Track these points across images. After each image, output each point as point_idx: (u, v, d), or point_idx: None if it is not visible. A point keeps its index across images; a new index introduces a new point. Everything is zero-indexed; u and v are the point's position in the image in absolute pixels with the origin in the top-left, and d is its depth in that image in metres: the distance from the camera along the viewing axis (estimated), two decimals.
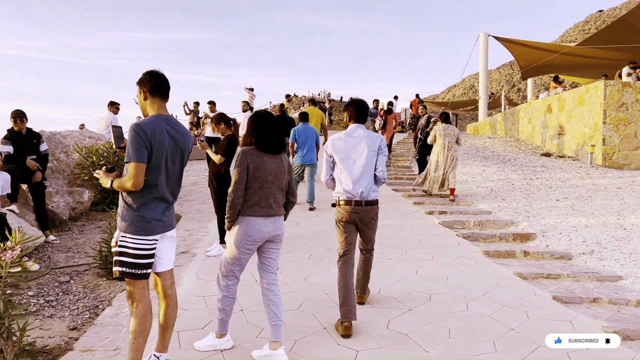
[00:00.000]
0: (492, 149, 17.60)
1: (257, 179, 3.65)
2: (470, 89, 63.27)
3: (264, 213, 3.67)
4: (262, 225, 3.66)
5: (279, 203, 3.78)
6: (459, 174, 12.77)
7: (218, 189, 6.46)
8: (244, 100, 11.51)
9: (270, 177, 3.69)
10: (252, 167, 3.65)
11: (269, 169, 3.70)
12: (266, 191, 3.68)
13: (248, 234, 3.64)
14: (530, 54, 23.74)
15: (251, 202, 3.65)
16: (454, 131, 9.82)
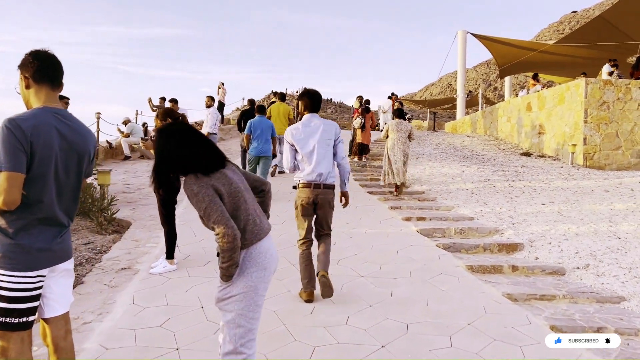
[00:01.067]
0: (471, 148, 16.90)
1: (237, 194, 2.68)
2: (448, 88, 62.95)
3: (263, 230, 2.73)
4: (271, 246, 2.77)
5: (260, 210, 2.89)
6: (437, 174, 11.99)
7: (164, 196, 5.54)
8: (208, 95, 10.55)
9: (241, 185, 2.77)
10: (221, 187, 2.60)
11: (236, 179, 2.76)
12: (249, 203, 2.76)
13: (264, 265, 2.67)
14: (508, 52, 23.15)
15: (249, 226, 2.67)
16: (407, 127, 9.65)
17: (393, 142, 9.55)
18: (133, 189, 9.98)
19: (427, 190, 10.12)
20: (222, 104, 19.32)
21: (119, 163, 13.53)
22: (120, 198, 9.10)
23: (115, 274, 5.42)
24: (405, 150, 9.51)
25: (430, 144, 17.59)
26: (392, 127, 9.64)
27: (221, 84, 19.71)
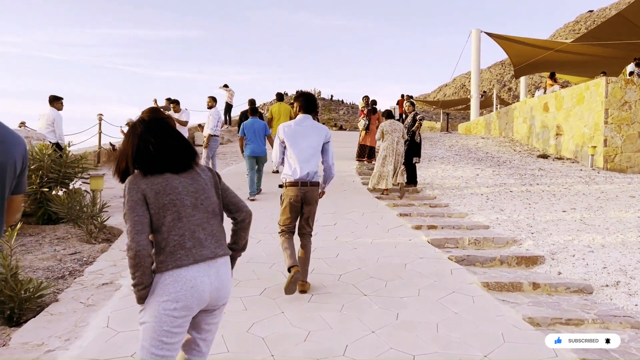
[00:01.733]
0: (486, 150, 16.22)
1: (168, 206, 2.29)
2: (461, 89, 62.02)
3: (195, 256, 2.29)
4: (198, 278, 2.28)
5: (215, 237, 2.40)
6: (450, 177, 11.37)
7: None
8: (209, 95, 10.06)
9: (188, 199, 2.34)
10: (151, 194, 2.28)
11: (183, 189, 2.34)
12: (189, 222, 2.32)
13: (177, 297, 2.23)
14: (523, 51, 22.39)
15: (170, 246, 2.27)
16: (399, 127, 9.61)
17: (387, 143, 9.49)
18: None
19: (439, 195, 9.51)
20: (229, 106, 18.84)
21: None
22: (115, 204, 8.62)
23: (94, 290, 4.91)
24: (400, 149, 9.49)
25: (443, 145, 16.94)
26: (386, 128, 9.54)
27: (225, 86, 19.23)
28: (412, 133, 10.05)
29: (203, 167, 2.52)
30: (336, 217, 7.82)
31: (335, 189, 10.10)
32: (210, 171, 2.55)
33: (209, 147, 9.81)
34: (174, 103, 10.72)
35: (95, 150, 12.73)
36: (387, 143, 9.50)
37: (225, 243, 2.45)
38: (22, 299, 4.43)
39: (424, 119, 10.43)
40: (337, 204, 8.70)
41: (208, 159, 9.84)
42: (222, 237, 2.44)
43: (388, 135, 9.48)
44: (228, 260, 2.45)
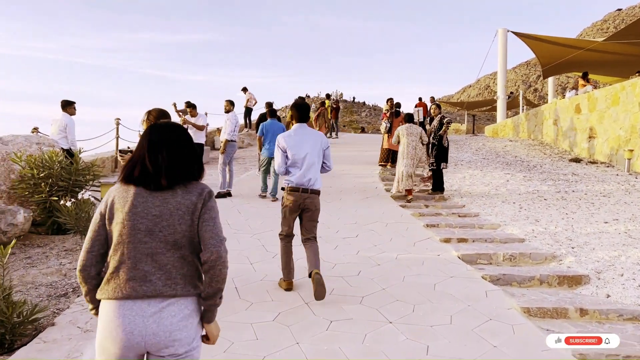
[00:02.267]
0: (515, 153, 15.50)
1: (117, 226, 2.06)
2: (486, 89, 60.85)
3: (128, 291, 1.98)
4: (128, 317, 1.96)
5: (168, 273, 2.03)
6: (479, 184, 10.74)
7: None
8: (227, 99, 9.64)
9: (143, 222, 2.04)
10: (108, 212, 2.09)
11: (143, 210, 2.05)
12: (136, 249, 2.02)
13: (103, 336, 1.98)
14: (552, 51, 21.51)
15: (109, 273, 2.04)
16: (417, 130, 9.37)
17: (404, 147, 9.26)
18: None
19: (468, 204, 8.90)
20: (249, 109, 18.45)
21: None
22: None
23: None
24: (417, 154, 9.25)
25: (470, 149, 16.26)
26: (403, 132, 9.33)
27: (244, 89, 18.84)
28: (440, 137, 9.48)
29: (195, 188, 2.14)
30: (358, 228, 7.29)
31: (357, 196, 9.57)
32: (199, 195, 2.13)
33: (225, 153, 9.37)
34: (191, 107, 10.32)
35: (113, 156, 12.43)
36: (402, 147, 9.33)
37: (185, 283, 2.04)
38: (15, 323, 4.02)
39: (452, 122, 9.83)
40: (358, 214, 8.17)
41: (225, 165, 9.40)
42: (180, 274, 2.04)
43: (404, 138, 9.30)
44: (187, 304, 2.04)
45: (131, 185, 2.10)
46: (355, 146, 18.69)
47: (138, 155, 2.12)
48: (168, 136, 2.14)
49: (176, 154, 2.12)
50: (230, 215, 8.06)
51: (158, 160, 2.08)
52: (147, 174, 2.08)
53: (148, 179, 2.07)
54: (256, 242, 6.62)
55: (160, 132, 2.15)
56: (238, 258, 5.94)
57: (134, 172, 2.09)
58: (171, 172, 2.09)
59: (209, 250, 2.05)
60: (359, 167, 13.12)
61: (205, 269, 2.06)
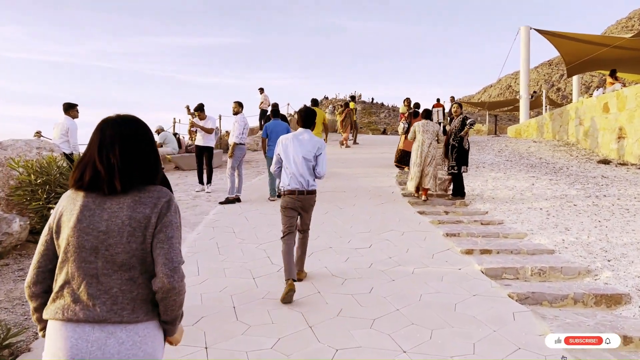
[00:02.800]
0: (539, 154, 14.76)
1: (62, 242, 1.82)
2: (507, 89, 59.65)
3: (70, 314, 1.77)
4: (71, 339, 1.75)
5: (114, 297, 1.78)
6: (502, 188, 10.09)
7: None
8: (235, 100, 9.16)
9: (89, 239, 1.79)
10: (55, 224, 1.86)
11: (88, 225, 1.80)
12: (81, 269, 1.79)
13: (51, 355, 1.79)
14: (576, 49, 20.65)
15: (55, 291, 1.83)
16: (434, 128, 9.01)
17: (418, 144, 8.94)
18: None
19: (491, 210, 8.27)
20: (264, 112, 17.99)
21: None
22: None
23: None
24: (431, 152, 8.87)
25: (492, 150, 15.56)
26: (419, 128, 8.99)
27: (260, 90, 18.40)
28: (461, 139, 8.88)
29: (150, 196, 1.85)
30: (371, 237, 6.74)
31: (372, 201, 9.02)
32: (154, 206, 1.84)
33: (234, 157, 8.90)
34: (198, 110, 9.88)
35: None
36: (416, 144, 9.01)
37: (134, 308, 1.78)
38: None
39: (475, 123, 9.24)
40: (372, 221, 7.62)
41: (233, 169, 8.93)
42: (128, 299, 1.78)
43: (419, 135, 8.97)
44: (137, 331, 1.78)
45: (80, 193, 1.85)
46: (372, 148, 18.11)
47: (88, 156, 1.87)
48: (121, 131, 1.88)
49: (131, 152, 1.86)
50: (237, 222, 7.58)
51: (110, 159, 1.82)
52: (98, 177, 1.82)
53: (99, 183, 1.82)
54: (261, 253, 6.12)
55: (113, 127, 1.89)
56: (240, 272, 5.45)
57: (84, 175, 1.84)
58: (125, 174, 1.83)
59: (160, 279, 1.77)
60: (375, 170, 12.55)
61: (158, 298, 1.80)
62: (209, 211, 8.35)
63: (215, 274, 5.37)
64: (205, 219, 7.85)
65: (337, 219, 7.78)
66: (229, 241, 6.61)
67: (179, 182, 11.25)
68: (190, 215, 8.09)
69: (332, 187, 10.32)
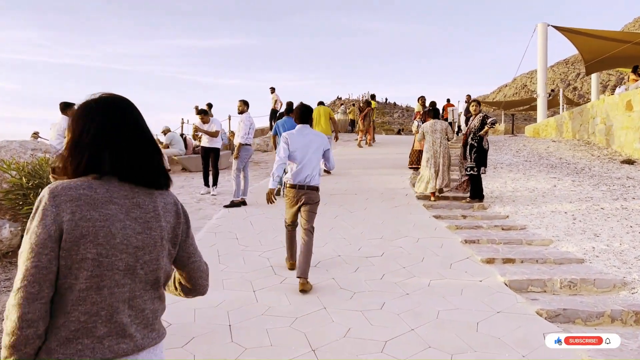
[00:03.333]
0: (559, 154, 14.10)
1: (88, 263, 1.36)
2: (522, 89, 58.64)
3: (105, 352, 1.39)
4: None
5: (147, 319, 1.48)
6: (522, 189, 9.51)
7: None
8: (241, 99, 8.70)
9: (124, 257, 1.41)
10: (69, 227, 1.35)
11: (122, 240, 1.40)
12: (112, 295, 1.40)
13: None
14: (596, 45, 19.89)
15: (70, 330, 1.36)
16: (442, 126, 8.90)
17: (429, 144, 8.82)
18: None
19: (511, 214, 7.70)
20: (275, 111, 17.53)
21: None
22: None
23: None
24: (442, 151, 8.73)
25: (510, 150, 14.93)
26: (427, 129, 8.89)
27: (272, 90, 17.95)
28: (480, 138, 8.33)
29: (169, 202, 1.58)
30: (384, 245, 6.23)
31: (385, 204, 8.50)
32: (177, 214, 1.59)
33: (239, 158, 8.43)
34: (201, 113, 9.43)
35: None
36: (427, 145, 8.87)
37: (159, 326, 1.55)
38: None
39: (497, 122, 8.68)
40: (385, 226, 7.10)
41: (239, 171, 8.47)
42: (156, 317, 1.54)
43: (428, 136, 8.84)
44: (160, 349, 1.54)
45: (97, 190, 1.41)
46: (386, 148, 17.58)
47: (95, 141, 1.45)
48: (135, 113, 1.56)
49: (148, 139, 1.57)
50: (240, 227, 7.11)
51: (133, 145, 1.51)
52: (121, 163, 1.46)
53: (137, 173, 1.49)
54: (264, 262, 5.63)
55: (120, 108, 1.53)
56: (239, 283, 4.96)
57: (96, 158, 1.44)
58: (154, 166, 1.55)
59: (197, 291, 1.76)
60: (388, 171, 12.02)
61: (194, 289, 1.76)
62: (212, 215, 7.90)
63: (212, 286, 4.85)
64: (207, 223, 7.40)
65: (347, 223, 7.28)
66: (231, 248, 6.14)
67: (184, 184, 10.82)
68: (192, 219, 7.60)
69: (343, 189, 9.81)
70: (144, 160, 1.50)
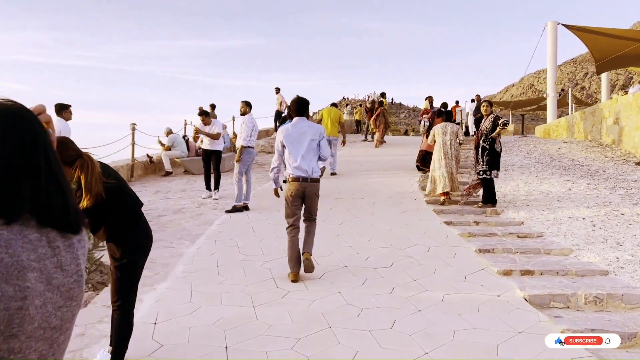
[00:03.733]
0: (571, 156, 13.66)
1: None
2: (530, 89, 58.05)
3: None
4: None
5: None
6: (536, 193, 9.11)
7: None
8: (243, 100, 8.34)
9: (40, 343, 0.92)
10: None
11: (43, 314, 0.92)
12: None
13: None
14: (608, 44, 19.41)
15: None
16: (452, 128, 8.76)
17: (439, 146, 8.64)
18: (153, 216, 7.94)
19: (527, 220, 7.31)
20: (279, 113, 17.17)
21: (157, 180, 11.65)
22: None
23: None
24: (454, 153, 8.59)
25: (520, 151, 14.50)
26: (438, 131, 8.74)
27: (277, 90, 17.60)
28: (492, 140, 7.94)
29: (85, 239, 1.10)
30: (392, 254, 5.85)
31: (393, 209, 8.14)
32: (78, 267, 1.03)
33: (241, 161, 8.08)
34: (203, 114, 9.09)
35: (128, 164, 11.34)
36: (437, 146, 8.69)
37: None
38: None
39: (508, 123, 8.29)
40: (394, 233, 6.73)
41: (241, 175, 8.12)
42: None
43: (439, 137, 8.70)
44: None
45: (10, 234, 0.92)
46: (393, 148, 17.20)
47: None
48: (38, 127, 1.04)
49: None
50: (242, 234, 6.76)
51: (48, 174, 1.03)
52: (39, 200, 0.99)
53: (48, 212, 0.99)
54: (266, 273, 5.27)
55: (25, 120, 1.01)
56: (239, 298, 4.61)
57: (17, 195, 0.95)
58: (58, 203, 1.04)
59: None
60: (396, 173, 11.65)
61: None
62: (213, 221, 7.55)
63: (210, 301, 4.54)
64: (208, 230, 7.05)
65: (353, 230, 6.92)
66: (231, 258, 5.79)
67: (186, 188, 10.48)
68: (192, 225, 7.30)
69: (349, 193, 9.45)
70: (61, 195, 1.03)
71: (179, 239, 6.62)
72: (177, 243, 6.43)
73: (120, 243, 3.24)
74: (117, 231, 3.22)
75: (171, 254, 5.98)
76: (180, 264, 5.56)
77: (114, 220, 3.20)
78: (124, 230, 3.24)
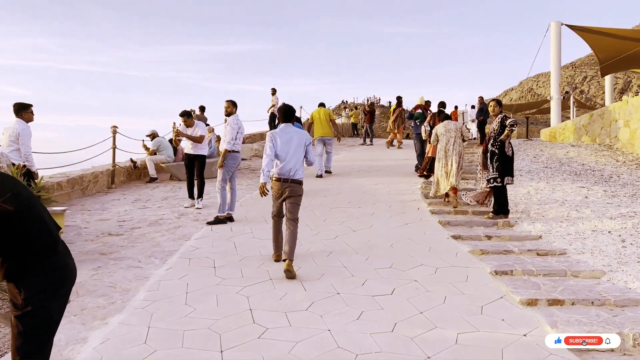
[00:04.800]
0: (581, 160, 12.75)
1: None
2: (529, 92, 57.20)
3: None
4: None
5: None
6: (549, 201, 8.20)
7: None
8: (228, 99, 7.44)
9: None
10: None
11: None
12: None
13: None
14: (612, 45, 18.54)
15: None
16: (456, 126, 8.37)
17: (443, 144, 8.25)
18: (126, 228, 7.02)
19: (544, 234, 6.39)
20: (274, 116, 16.27)
21: (139, 187, 10.71)
22: (96, 245, 6.14)
23: None
24: (457, 149, 8.15)
25: (527, 155, 13.59)
26: (441, 130, 8.34)
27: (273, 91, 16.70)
28: (501, 143, 7.04)
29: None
30: (394, 278, 4.93)
31: (394, 221, 7.22)
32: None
33: (225, 167, 7.16)
34: (184, 116, 8.20)
35: (109, 169, 10.41)
36: (440, 145, 8.32)
37: None
38: None
39: (517, 124, 7.38)
40: (395, 249, 5.82)
41: (225, 182, 7.19)
42: None
43: (442, 137, 8.31)
44: None
45: None
46: (394, 152, 16.31)
47: None
48: None
49: None
50: (221, 251, 5.84)
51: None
52: None
53: None
54: (243, 303, 4.33)
55: None
56: (206, 338, 3.68)
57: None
58: None
59: None
60: (397, 179, 10.73)
61: None
62: (191, 235, 6.62)
63: (169, 342, 3.61)
64: (184, 245, 6.13)
65: (349, 246, 6.01)
66: (205, 281, 4.87)
67: (168, 196, 9.55)
68: (167, 240, 6.38)
69: (346, 201, 8.53)
70: None
71: (149, 256, 5.69)
72: (145, 262, 5.50)
73: (24, 284, 2.33)
74: (17, 268, 2.32)
75: (136, 276, 5.06)
76: (142, 290, 4.64)
77: (12, 254, 2.29)
78: (27, 266, 2.33)
